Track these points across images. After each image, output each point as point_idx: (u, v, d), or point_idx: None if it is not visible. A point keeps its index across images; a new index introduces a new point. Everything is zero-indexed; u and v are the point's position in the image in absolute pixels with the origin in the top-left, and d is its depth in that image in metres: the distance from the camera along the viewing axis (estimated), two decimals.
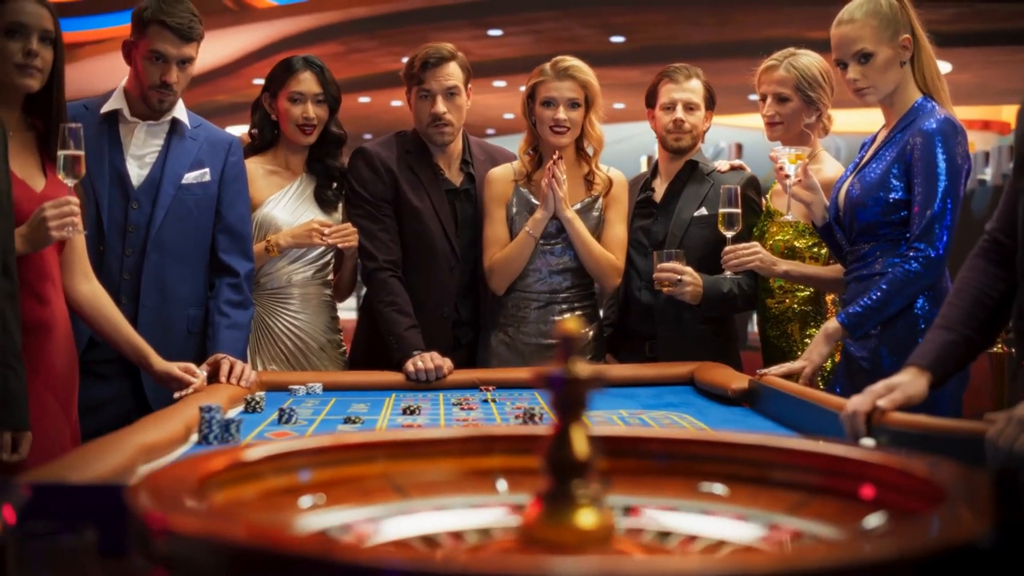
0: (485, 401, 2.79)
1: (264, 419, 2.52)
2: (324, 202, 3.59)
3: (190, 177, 3.22)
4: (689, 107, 3.62)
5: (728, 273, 3.30)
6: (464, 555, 1.10)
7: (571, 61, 3.56)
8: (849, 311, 2.81)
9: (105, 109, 3.18)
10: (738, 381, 2.75)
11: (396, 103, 3.93)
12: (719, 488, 1.31)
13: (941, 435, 1.86)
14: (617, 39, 13.93)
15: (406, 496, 1.29)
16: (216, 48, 12.36)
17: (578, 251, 3.51)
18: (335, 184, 3.65)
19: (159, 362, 2.83)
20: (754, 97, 3.19)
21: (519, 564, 0.86)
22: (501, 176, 3.62)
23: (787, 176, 3.13)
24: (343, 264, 3.69)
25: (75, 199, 2.61)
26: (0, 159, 2.46)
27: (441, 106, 3.54)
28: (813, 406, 2.31)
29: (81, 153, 2.64)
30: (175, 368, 2.81)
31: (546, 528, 1.08)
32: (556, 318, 3.53)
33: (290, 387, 2.94)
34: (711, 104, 3.69)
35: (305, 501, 1.23)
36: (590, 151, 3.61)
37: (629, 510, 1.26)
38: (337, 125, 3.64)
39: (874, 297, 2.77)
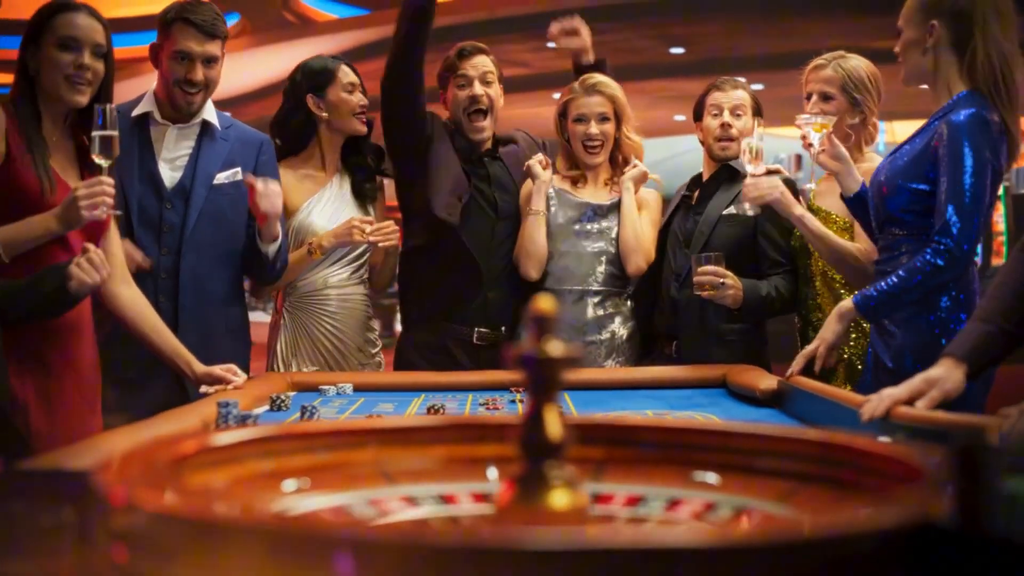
0: (513, 402, 2.78)
1: (287, 417, 2.53)
2: (362, 195, 3.62)
3: (221, 177, 3.28)
4: (736, 112, 3.63)
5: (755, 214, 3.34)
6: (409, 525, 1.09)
7: (598, 77, 3.67)
8: (865, 292, 2.78)
9: (136, 113, 3.24)
10: (767, 382, 2.72)
11: None
12: (712, 477, 1.30)
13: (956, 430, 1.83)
14: (677, 50, 13.90)
15: (393, 483, 1.28)
16: (278, 62, 12.51)
17: (622, 223, 3.59)
18: (372, 179, 3.70)
19: (200, 366, 2.85)
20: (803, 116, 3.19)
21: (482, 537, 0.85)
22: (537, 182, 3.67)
23: (811, 145, 3.10)
24: (380, 254, 3.72)
25: (108, 180, 2.63)
26: None
27: (479, 88, 3.64)
28: (841, 406, 2.27)
29: (115, 133, 2.68)
30: (217, 369, 2.83)
31: (519, 510, 1.07)
32: (589, 314, 3.56)
33: (320, 387, 2.95)
34: (758, 113, 3.69)
35: (289, 485, 1.23)
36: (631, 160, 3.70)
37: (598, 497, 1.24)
38: None
39: (890, 282, 2.72)
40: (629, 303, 3.69)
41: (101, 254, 2.54)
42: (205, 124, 3.34)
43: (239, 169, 3.33)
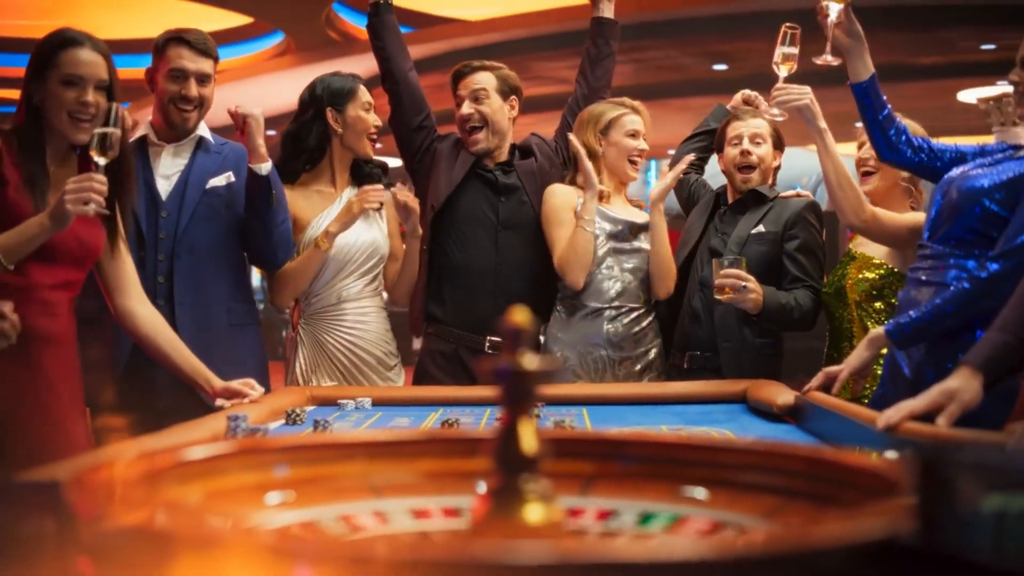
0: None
1: (301, 432, 2.53)
2: (368, 213, 3.65)
3: (215, 182, 3.36)
4: (756, 140, 3.62)
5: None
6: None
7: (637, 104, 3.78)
8: (898, 320, 2.73)
9: (133, 138, 3.29)
10: (784, 397, 2.69)
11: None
12: (700, 492, 1.29)
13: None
14: (720, 67, 13.87)
15: (380, 496, 1.28)
16: None
17: (653, 242, 3.60)
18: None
19: (219, 381, 2.87)
20: (859, 124, 3.11)
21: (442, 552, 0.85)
22: (564, 190, 3.68)
23: (827, 16, 2.96)
24: (396, 264, 3.75)
25: (100, 177, 2.63)
26: None
27: (467, 108, 3.75)
28: (856, 423, 2.24)
29: (114, 131, 2.70)
30: (234, 384, 2.85)
31: (493, 524, 1.06)
32: (625, 330, 3.57)
33: (339, 401, 2.96)
34: (779, 143, 3.70)
35: (270, 498, 1.23)
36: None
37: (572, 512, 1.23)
38: None
39: (923, 311, 2.67)
40: (657, 319, 3.70)
41: (15, 319, 2.46)
42: (200, 140, 3.44)
43: (231, 173, 3.43)
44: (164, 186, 3.36)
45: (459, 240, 3.76)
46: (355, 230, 3.61)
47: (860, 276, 3.38)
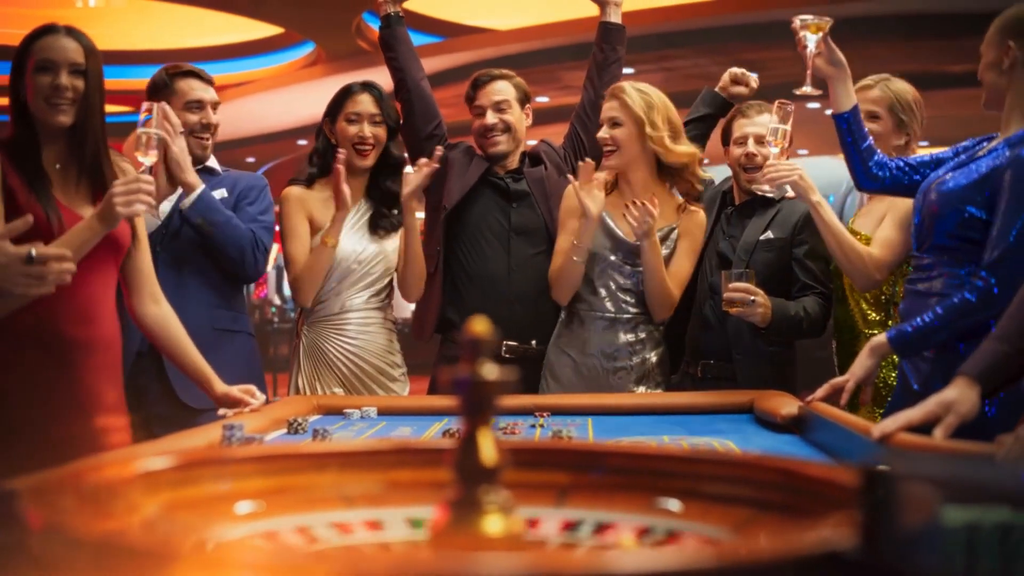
0: (532, 427, 2.76)
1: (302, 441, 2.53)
2: (378, 229, 3.65)
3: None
4: (761, 141, 3.56)
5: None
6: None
7: (622, 84, 3.59)
8: (900, 328, 2.70)
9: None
10: (788, 408, 2.67)
11: (531, 142, 4.06)
12: (674, 504, 1.27)
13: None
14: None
15: (352, 506, 1.27)
16: None
17: (646, 276, 3.48)
18: (395, 211, 3.69)
19: (220, 385, 2.87)
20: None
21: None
22: (573, 194, 3.64)
23: (805, 47, 2.96)
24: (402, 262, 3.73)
25: (147, 178, 2.69)
26: None
27: (491, 118, 3.77)
28: (855, 435, 2.22)
29: (156, 132, 2.81)
30: (235, 391, 2.85)
31: (452, 536, 1.06)
32: (621, 340, 3.53)
33: (345, 411, 2.96)
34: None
35: (243, 508, 1.23)
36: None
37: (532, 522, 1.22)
38: (397, 148, 3.76)
39: (926, 320, 2.64)
40: (659, 328, 3.64)
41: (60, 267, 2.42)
42: (206, 169, 3.56)
43: (225, 190, 3.52)
44: (164, 206, 3.44)
45: (472, 247, 3.77)
46: (361, 242, 3.63)
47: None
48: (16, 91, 2.76)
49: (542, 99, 14.59)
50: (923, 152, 3.27)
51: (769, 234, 3.53)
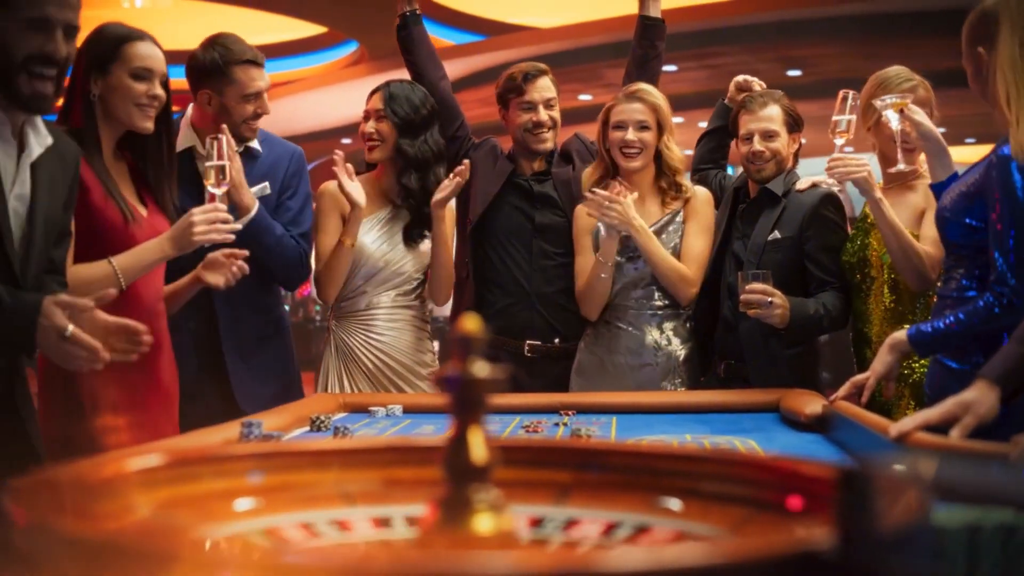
0: (556, 425, 2.75)
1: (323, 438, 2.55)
2: (410, 239, 3.67)
3: (253, 191, 3.36)
4: (767, 136, 3.55)
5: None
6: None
7: (641, 86, 3.63)
8: (920, 327, 2.66)
9: (179, 149, 3.28)
10: (812, 407, 2.65)
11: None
12: (675, 503, 1.27)
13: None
14: (794, 73, 13.73)
15: (352, 503, 1.28)
16: None
17: (648, 261, 3.53)
18: (424, 209, 3.67)
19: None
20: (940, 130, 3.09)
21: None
22: (583, 213, 3.68)
23: (894, 131, 3.00)
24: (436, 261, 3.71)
25: (222, 206, 2.78)
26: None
27: (543, 114, 3.74)
28: (876, 434, 2.20)
29: (224, 163, 2.87)
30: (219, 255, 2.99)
31: (442, 535, 1.06)
32: (648, 337, 3.54)
33: (370, 408, 2.97)
34: (794, 127, 3.60)
35: (241, 505, 1.24)
36: (672, 177, 3.66)
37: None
38: (411, 146, 3.66)
39: (948, 322, 2.59)
40: (688, 324, 3.65)
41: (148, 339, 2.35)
42: (247, 149, 3.50)
43: (267, 184, 3.46)
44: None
45: (497, 248, 3.79)
46: (389, 242, 3.66)
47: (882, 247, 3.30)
48: (87, 89, 2.79)
49: (584, 96, 14.56)
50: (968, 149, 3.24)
51: (776, 234, 3.50)
